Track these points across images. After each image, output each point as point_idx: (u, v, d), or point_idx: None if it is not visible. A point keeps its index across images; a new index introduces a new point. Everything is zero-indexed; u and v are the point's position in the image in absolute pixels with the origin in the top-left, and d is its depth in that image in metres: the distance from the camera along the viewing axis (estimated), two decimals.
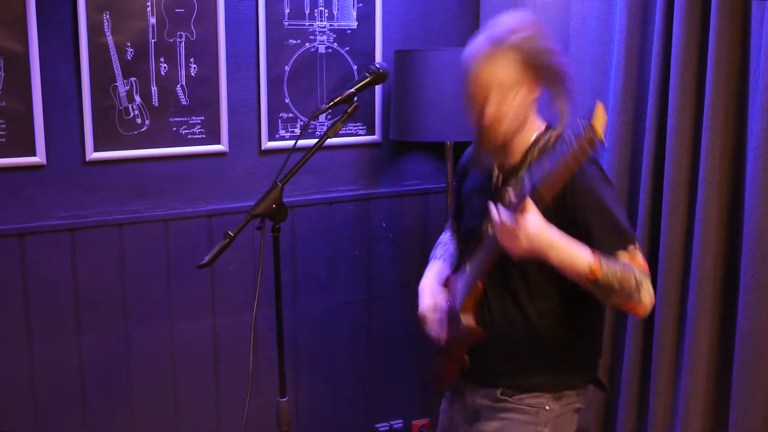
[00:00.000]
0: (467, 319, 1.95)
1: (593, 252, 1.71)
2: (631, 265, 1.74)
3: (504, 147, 1.89)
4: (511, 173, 1.90)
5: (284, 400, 2.09)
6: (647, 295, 1.73)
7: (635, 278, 1.71)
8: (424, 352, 3.15)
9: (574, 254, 1.70)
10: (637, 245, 1.80)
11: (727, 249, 2.30)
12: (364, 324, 3.11)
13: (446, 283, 2.10)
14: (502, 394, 1.95)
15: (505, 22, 1.86)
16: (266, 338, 2.66)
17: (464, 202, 2.10)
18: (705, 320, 2.31)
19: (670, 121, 2.35)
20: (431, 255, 2.22)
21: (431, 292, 2.07)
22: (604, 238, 1.76)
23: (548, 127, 1.91)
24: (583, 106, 2.01)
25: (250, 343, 2.17)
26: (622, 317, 2.62)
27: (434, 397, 2.14)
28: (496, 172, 1.95)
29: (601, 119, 1.51)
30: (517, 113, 1.84)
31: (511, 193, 1.71)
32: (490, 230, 1.79)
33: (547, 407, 1.92)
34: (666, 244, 2.39)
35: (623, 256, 1.76)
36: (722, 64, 2.20)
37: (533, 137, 1.89)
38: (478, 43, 1.86)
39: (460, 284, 1.99)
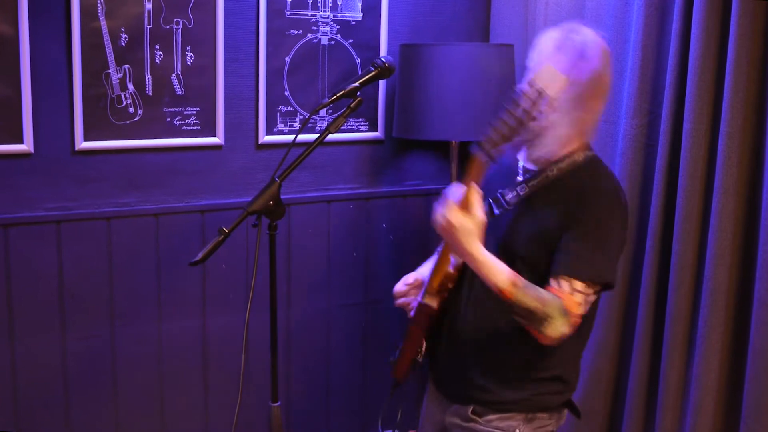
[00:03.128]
0: (429, 302, 1.96)
1: (514, 275, 1.79)
2: (551, 298, 1.79)
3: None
4: (534, 171, 1.92)
5: (276, 405, 2.09)
6: (552, 330, 1.78)
7: (546, 312, 1.77)
8: (416, 363, 3.14)
9: (491, 266, 1.80)
10: (591, 287, 1.82)
11: (742, 261, 2.30)
12: (360, 328, 3.11)
13: None
14: (473, 413, 1.97)
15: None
16: (258, 340, 2.66)
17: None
18: (716, 335, 2.32)
19: (686, 126, 2.35)
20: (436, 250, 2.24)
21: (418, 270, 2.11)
22: (569, 256, 1.81)
23: (584, 146, 1.94)
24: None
25: (241, 345, 2.18)
26: (630, 331, 2.62)
27: (392, 389, 2.17)
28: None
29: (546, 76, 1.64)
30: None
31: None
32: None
33: (518, 431, 1.94)
34: (678, 254, 2.39)
35: (563, 283, 1.80)
36: (742, 66, 2.20)
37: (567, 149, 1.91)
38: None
39: (428, 272, 2.01)
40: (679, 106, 2.41)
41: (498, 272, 1.79)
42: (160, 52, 2.62)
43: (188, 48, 2.66)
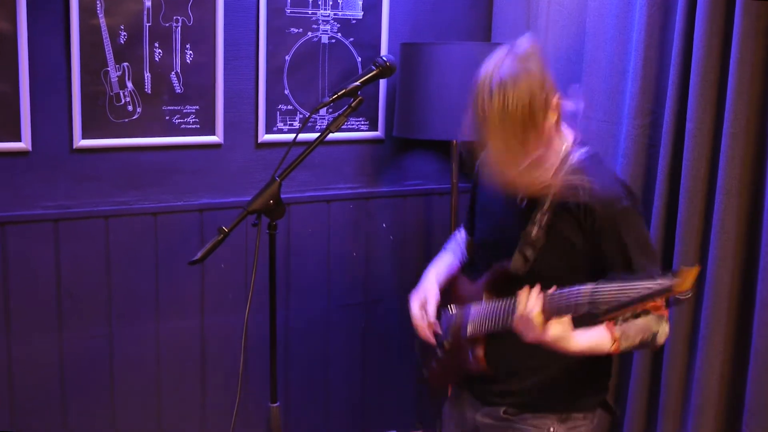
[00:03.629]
0: (478, 352, 1.95)
1: (610, 331, 1.79)
2: (646, 321, 1.81)
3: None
4: (539, 195, 1.88)
5: (275, 405, 2.09)
6: (662, 338, 1.85)
7: (652, 333, 1.82)
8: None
9: (594, 348, 1.80)
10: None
11: (744, 263, 2.30)
12: (359, 329, 3.11)
13: (453, 282, 2.11)
14: (505, 413, 1.96)
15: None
16: (256, 340, 2.66)
17: (482, 207, 2.09)
18: (718, 337, 2.32)
19: (689, 126, 2.35)
20: (442, 248, 2.24)
21: (427, 289, 2.08)
22: (631, 268, 1.81)
23: (576, 142, 1.91)
24: (601, 107, 2.02)
25: (239, 345, 2.17)
26: None
27: (431, 399, 2.17)
28: None
29: (688, 284, 1.55)
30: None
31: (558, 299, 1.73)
32: (517, 308, 1.80)
33: (552, 429, 1.93)
34: (680, 256, 2.39)
35: None
36: (746, 66, 2.20)
37: (561, 155, 1.88)
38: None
39: (474, 311, 1.97)
40: (681, 107, 2.40)
41: (600, 345, 1.80)
42: (160, 50, 2.62)
43: (188, 46, 2.66)
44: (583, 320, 1.74)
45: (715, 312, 2.30)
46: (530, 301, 1.75)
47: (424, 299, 2.06)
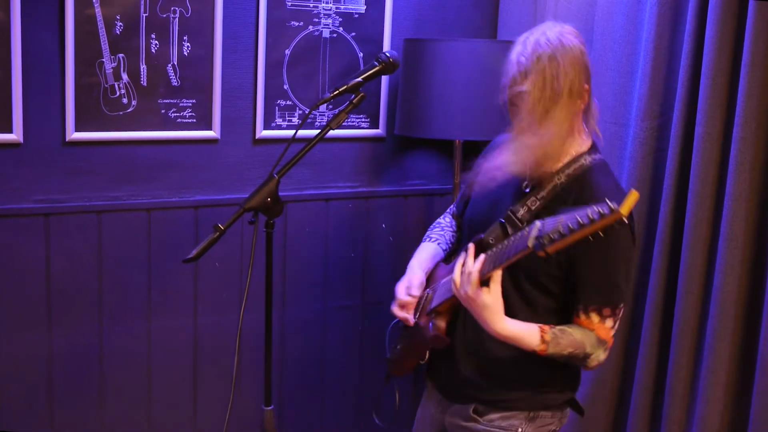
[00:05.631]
0: (439, 323, 2.00)
1: (542, 332, 1.84)
2: (585, 337, 1.85)
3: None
4: (541, 181, 1.91)
5: (269, 408, 2.10)
6: (593, 363, 1.88)
7: (584, 352, 1.86)
8: (419, 366, 3.15)
9: (520, 338, 1.85)
10: (619, 308, 1.87)
11: (752, 270, 2.31)
12: (357, 331, 3.12)
13: (435, 269, 2.15)
14: (474, 412, 1.99)
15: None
16: (251, 341, 2.66)
17: (478, 194, 2.10)
18: (724, 345, 2.33)
19: (698, 129, 2.36)
20: (425, 236, 2.27)
21: (412, 274, 2.13)
22: (591, 288, 1.86)
23: (591, 149, 1.93)
24: (608, 108, 2.03)
25: (232, 346, 2.18)
26: (635, 340, 2.63)
27: (384, 384, 2.21)
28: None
29: (629, 207, 1.60)
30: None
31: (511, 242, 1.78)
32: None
33: (520, 430, 1.96)
34: (687, 262, 2.40)
35: (592, 315, 1.86)
36: (757, 69, 2.21)
37: (574, 153, 1.91)
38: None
39: (444, 284, 2.01)
40: (691, 109, 2.41)
41: (527, 338, 1.85)
42: (156, 42, 2.63)
43: (185, 38, 2.66)
44: (531, 262, 1.77)
45: (722, 320, 2.31)
46: (472, 260, 1.83)
47: (409, 283, 2.10)
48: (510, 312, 1.87)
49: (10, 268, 2.54)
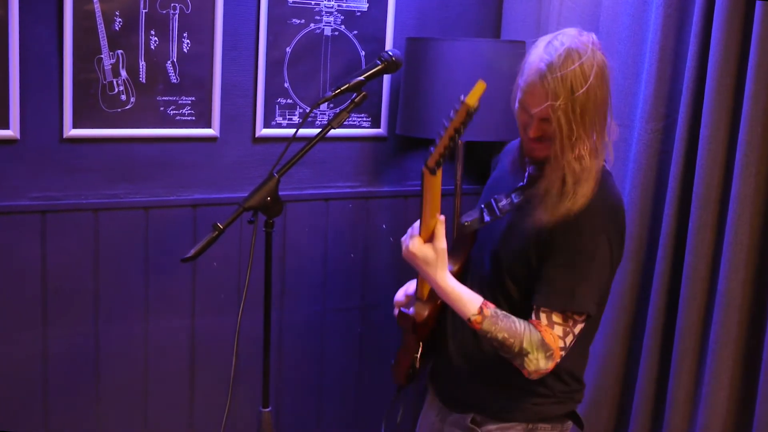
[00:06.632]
0: (419, 308, 2.00)
1: (484, 304, 1.83)
2: (527, 331, 1.81)
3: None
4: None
5: (267, 410, 2.10)
6: (530, 364, 1.81)
7: (521, 345, 1.80)
8: (416, 366, 3.16)
9: (458, 298, 1.85)
10: (572, 319, 1.83)
11: (757, 275, 2.31)
12: (356, 333, 3.12)
13: None
14: (472, 422, 1.99)
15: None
16: (248, 343, 2.66)
17: (483, 195, 2.13)
18: (728, 352, 2.33)
19: (703, 132, 2.36)
20: None
21: (409, 281, 2.14)
22: (546, 286, 1.83)
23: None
24: (613, 110, 2.04)
25: (230, 347, 2.18)
26: (637, 346, 2.63)
27: (396, 392, 2.23)
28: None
29: (477, 93, 1.72)
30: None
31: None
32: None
33: None
34: (690, 267, 2.40)
35: (541, 316, 1.83)
36: (763, 71, 2.21)
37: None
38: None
39: None
40: (696, 112, 2.42)
41: (466, 302, 1.84)
42: (156, 38, 2.63)
43: (185, 34, 2.67)
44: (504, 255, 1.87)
45: (726, 325, 2.31)
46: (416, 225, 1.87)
47: (406, 287, 2.12)
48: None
49: (6, 266, 2.55)
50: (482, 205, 1.96)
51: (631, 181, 2.59)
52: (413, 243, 1.85)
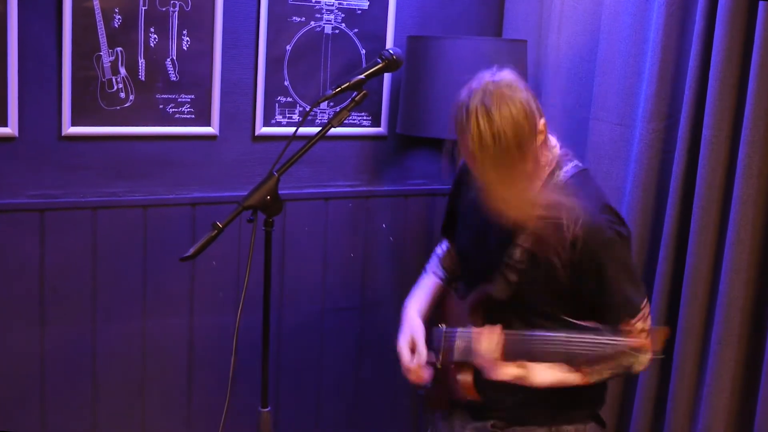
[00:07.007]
0: (465, 379, 2.01)
1: (576, 368, 1.88)
2: (620, 351, 1.83)
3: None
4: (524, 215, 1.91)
5: (266, 410, 2.10)
6: (640, 367, 1.90)
7: (624, 366, 1.87)
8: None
9: (559, 381, 1.90)
10: (640, 311, 1.90)
11: (759, 276, 2.31)
12: (355, 333, 3.12)
13: (442, 299, 2.17)
14: (493, 426, 2.00)
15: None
16: (247, 342, 2.66)
17: (462, 215, 2.13)
18: (730, 353, 2.33)
19: (705, 132, 2.36)
20: (424, 268, 2.31)
21: (410, 324, 2.14)
22: (609, 311, 1.90)
23: (564, 153, 1.95)
24: (613, 109, 2.03)
25: (229, 346, 2.18)
26: None
27: (425, 413, 2.23)
28: None
29: (658, 345, 1.77)
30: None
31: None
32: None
33: None
34: (692, 267, 2.40)
35: (624, 325, 1.87)
36: (766, 70, 2.21)
37: (548, 168, 1.93)
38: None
39: (459, 337, 2.02)
40: (698, 111, 2.41)
41: (567, 379, 1.88)
42: (155, 36, 2.63)
43: (184, 32, 2.67)
44: (537, 300, 1.91)
45: (727, 327, 2.31)
46: (490, 344, 1.86)
47: (412, 340, 2.10)
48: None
49: (4, 264, 2.54)
50: (501, 273, 1.94)
51: (632, 181, 2.58)
52: (495, 374, 1.88)
